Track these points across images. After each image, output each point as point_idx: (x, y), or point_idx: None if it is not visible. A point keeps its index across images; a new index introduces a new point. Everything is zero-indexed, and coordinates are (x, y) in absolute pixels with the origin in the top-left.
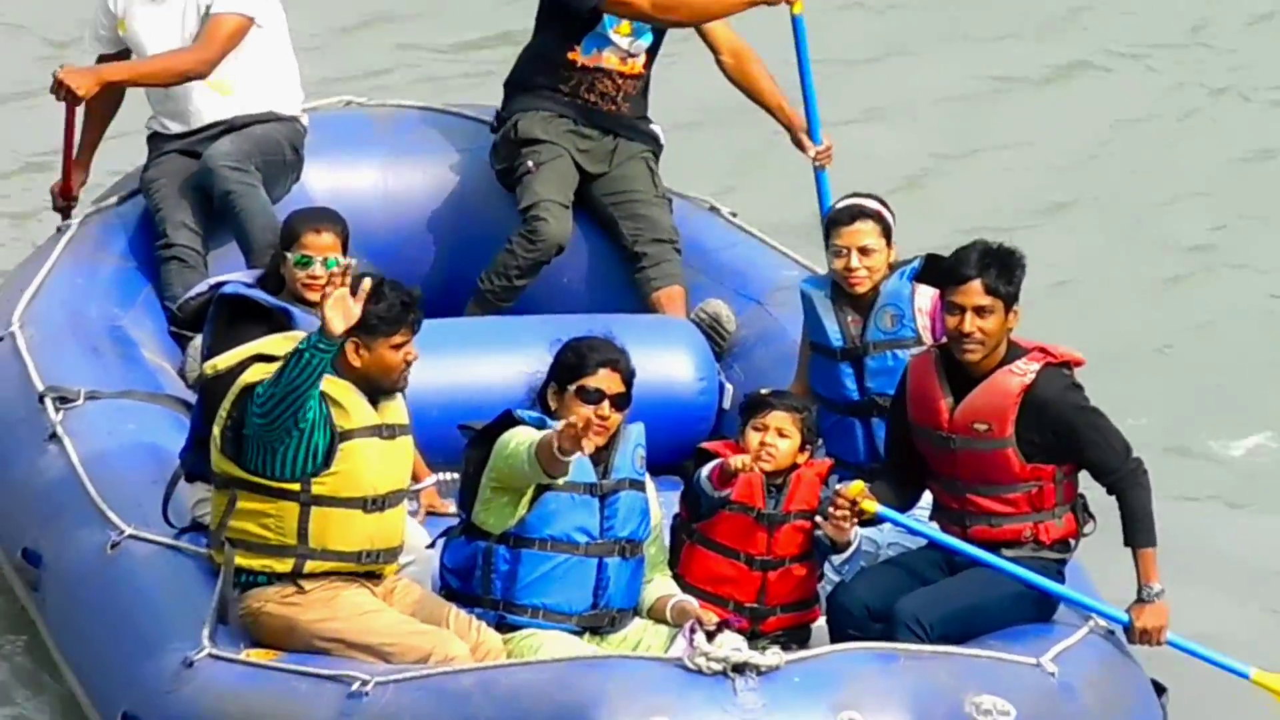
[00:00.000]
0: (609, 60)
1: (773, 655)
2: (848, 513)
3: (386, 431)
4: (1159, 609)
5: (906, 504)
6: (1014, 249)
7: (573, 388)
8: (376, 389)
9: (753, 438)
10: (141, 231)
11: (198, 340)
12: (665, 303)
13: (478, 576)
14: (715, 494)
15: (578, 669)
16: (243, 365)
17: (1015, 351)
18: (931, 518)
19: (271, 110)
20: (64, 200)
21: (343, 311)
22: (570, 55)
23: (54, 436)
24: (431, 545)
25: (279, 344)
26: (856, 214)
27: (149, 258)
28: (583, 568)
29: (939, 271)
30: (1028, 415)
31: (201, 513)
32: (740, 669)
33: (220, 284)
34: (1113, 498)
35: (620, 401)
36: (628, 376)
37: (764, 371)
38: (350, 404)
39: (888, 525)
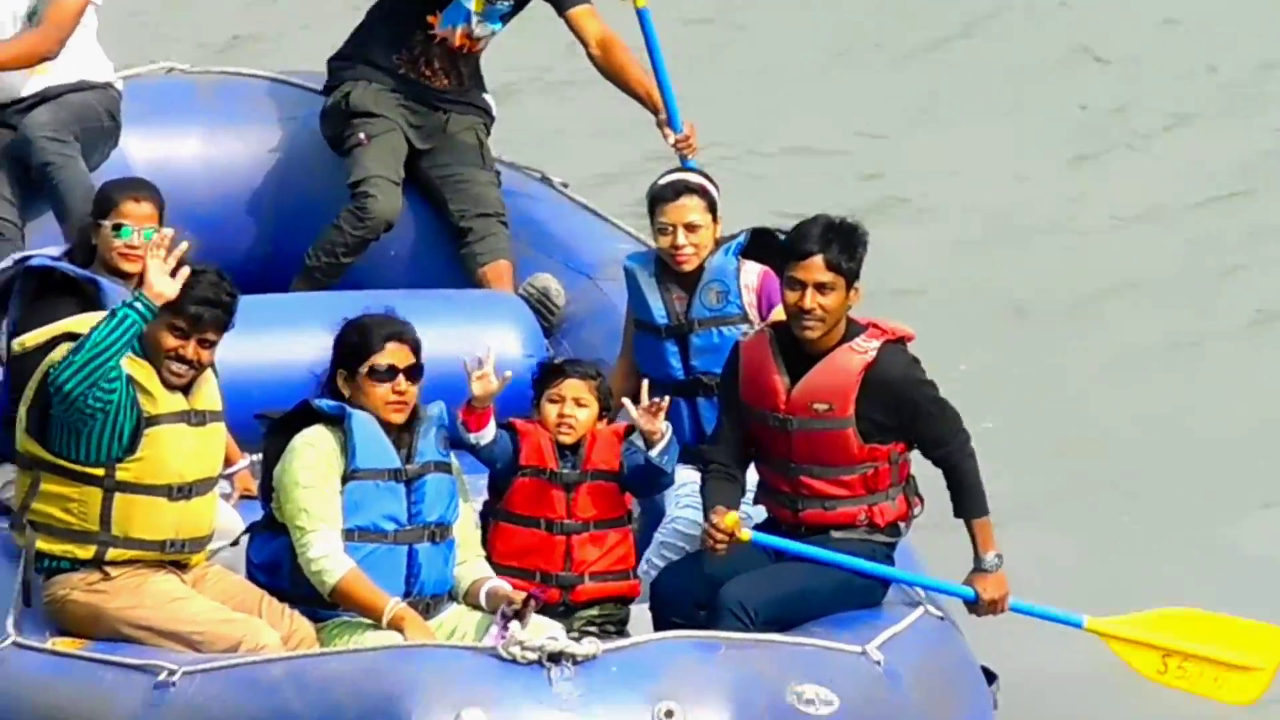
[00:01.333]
0: (458, 36)
1: (589, 644)
2: (725, 543)
3: (195, 418)
4: (1000, 578)
5: (740, 490)
6: (857, 224)
7: (363, 369)
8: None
9: (549, 410)
10: None
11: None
12: (492, 278)
13: (285, 571)
14: (470, 437)
15: (389, 659)
16: (51, 343)
17: (854, 329)
18: (756, 501)
19: (84, 79)
20: None
21: (167, 277)
22: (430, 19)
23: None
24: (236, 543)
25: (89, 323)
26: (681, 189)
27: None
28: (392, 555)
29: (769, 246)
30: (869, 394)
31: (8, 495)
32: (556, 658)
33: (26, 258)
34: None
35: (413, 373)
36: (415, 346)
37: (594, 347)
38: (156, 388)
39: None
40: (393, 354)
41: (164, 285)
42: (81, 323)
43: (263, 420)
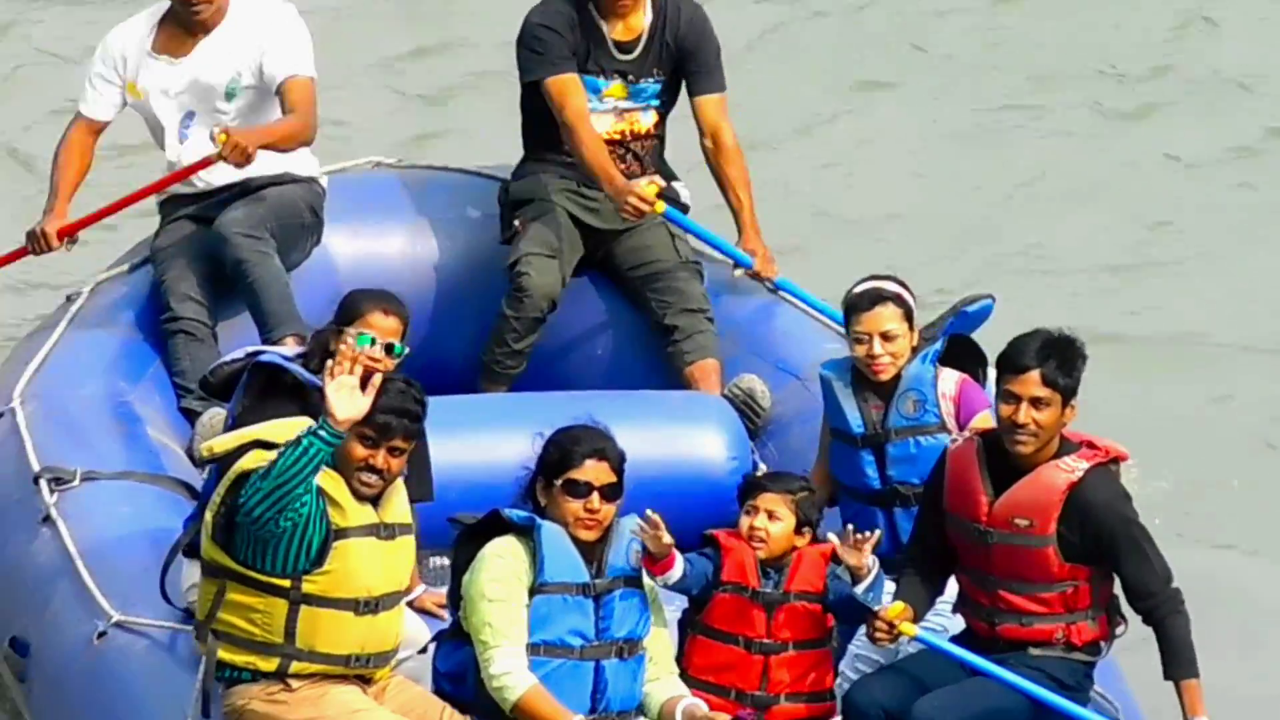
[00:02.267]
0: (610, 128)
1: None
2: (886, 636)
3: (385, 531)
4: None
5: (932, 595)
6: (1075, 339)
7: (559, 482)
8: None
9: (744, 522)
10: (150, 302)
11: (207, 416)
12: (699, 377)
13: (470, 682)
14: (658, 580)
15: None
16: (242, 449)
17: (1067, 447)
18: (955, 610)
19: (287, 171)
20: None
21: (348, 398)
22: None
23: (47, 519)
24: (424, 650)
25: (282, 430)
26: (876, 298)
27: (158, 330)
28: (579, 671)
29: (966, 352)
30: (1071, 515)
31: (194, 597)
32: None
33: (257, 352)
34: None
35: (610, 492)
36: (617, 465)
37: (799, 451)
38: (346, 500)
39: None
40: (591, 471)
41: (344, 408)
42: (273, 431)
43: (455, 524)
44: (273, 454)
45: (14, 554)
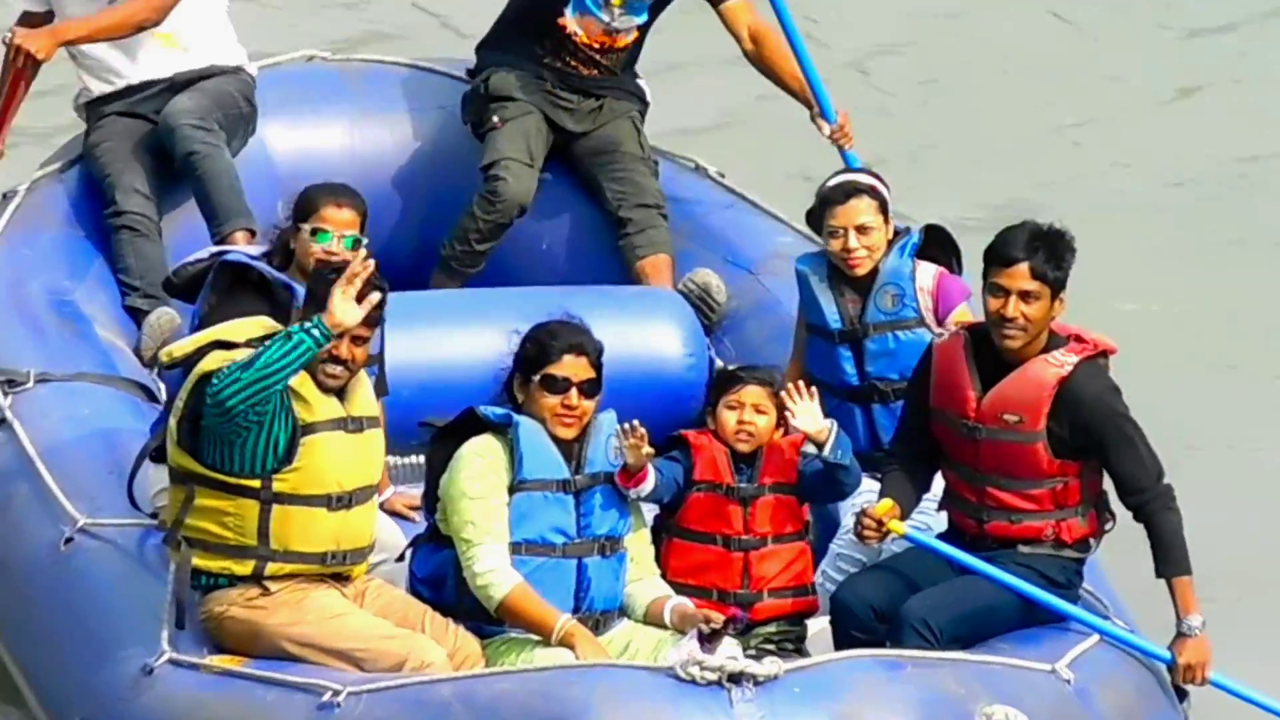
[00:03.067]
0: (597, 34)
1: (770, 664)
2: (875, 534)
3: (353, 424)
4: (1200, 643)
5: (919, 492)
6: (1064, 231)
7: (537, 378)
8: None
9: (728, 417)
10: (88, 199)
11: (154, 315)
12: (651, 272)
13: (450, 585)
14: (630, 493)
15: (563, 678)
16: (201, 351)
17: (1055, 340)
18: (941, 507)
19: (214, 64)
20: None
21: (351, 307)
22: (559, 21)
23: (2, 422)
24: (401, 558)
25: (240, 330)
26: (851, 191)
27: (99, 227)
28: (561, 569)
29: (942, 244)
30: (1060, 410)
31: (161, 504)
32: (736, 678)
33: (222, 251)
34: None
35: (588, 388)
36: (595, 360)
37: (757, 346)
38: (312, 395)
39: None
40: (570, 366)
41: (346, 315)
42: (232, 331)
43: (427, 428)
44: (235, 353)
45: None
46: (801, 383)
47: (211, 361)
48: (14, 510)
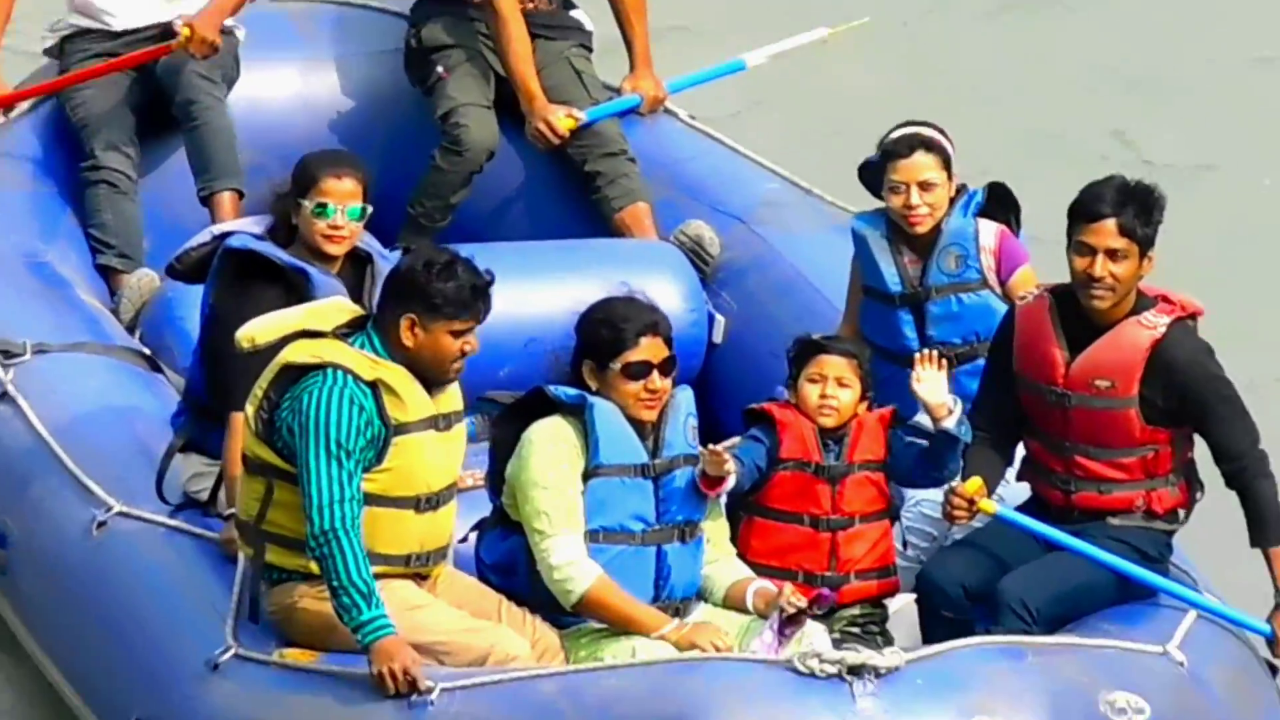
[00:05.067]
0: None
1: (891, 655)
2: (965, 513)
3: (443, 422)
4: None
5: (1004, 465)
6: (1153, 187)
7: (616, 365)
8: (423, 376)
9: (810, 391)
10: (57, 147)
11: (135, 277)
12: (631, 223)
13: (522, 573)
14: (710, 496)
15: (677, 673)
16: (283, 340)
17: (1144, 302)
18: (1020, 477)
19: None
20: None
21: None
22: None
23: (4, 396)
24: (465, 539)
25: (323, 316)
26: (915, 145)
27: (69, 179)
28: (640, 557)
29: (1002, 201)
30: (1154, 374)
31: (197, 488)
32: (857, 671)
33: (225, 235)
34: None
35: (667, 367)
36: (669, 337)
37: (760, 301)
38: (407, 393)
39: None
40: (648, 349)
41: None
42: (315, 316)
43: (487, 404)
44: (318, 344)
45: None
46: (933, 352)
47: (295, 352)
48: (33, 491)
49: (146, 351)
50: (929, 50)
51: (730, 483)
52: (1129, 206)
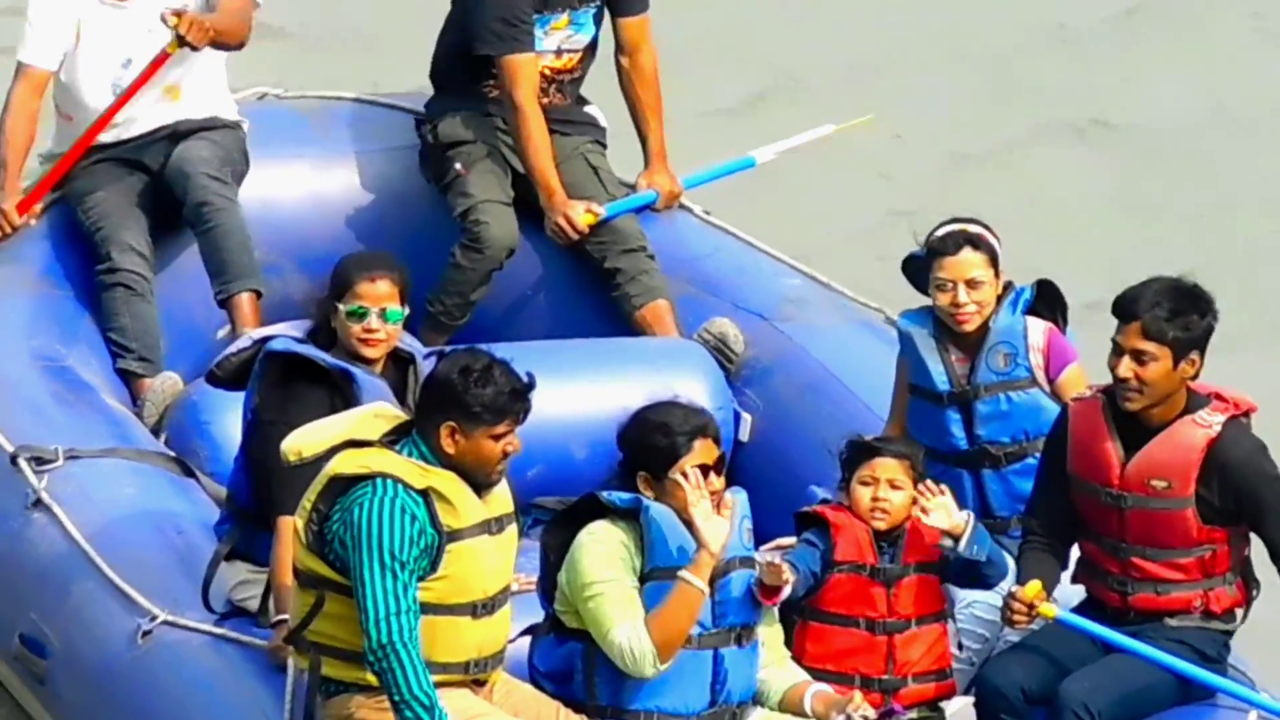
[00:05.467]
0: (546, 57)
1: None
2: (1025, 618)
3: (496, 525)
4: None
5: (1060, 567)
6: (1197, 288)
7: (673, 475)
8: (469, 479)
9: (862, 494)
10: (70, 250)
11: (159, 381)
12: (653, 320)
13: (579, 681)
14: (765, 608)
15: None
16: (330, 450)
17: (1196, 400)
18: (1076, 579)
19: (215, 115)
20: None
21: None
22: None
23: (39, 504)
24: (514, 640)
25: (369, 425)
26: (962, 242)
27: (84, 283)
28: (697, 662)
29: (1049, 299)
30: (1210, 474)
31: (243, 596)
32: None
33: (266, 339)
34: None
35: (720, 466)
36: (719, 437)
37: (787, 399)
38: (458, 499)
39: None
40: (701, 452)
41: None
42: (361, 425)
43: (539, 510)
44: (365, 454)
45: (4, 543)
46: (931, 482)
47: (343, 463)
48: (73, 600)
49: (180, 457)
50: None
51: (786, 592)
52: (1161, 308)
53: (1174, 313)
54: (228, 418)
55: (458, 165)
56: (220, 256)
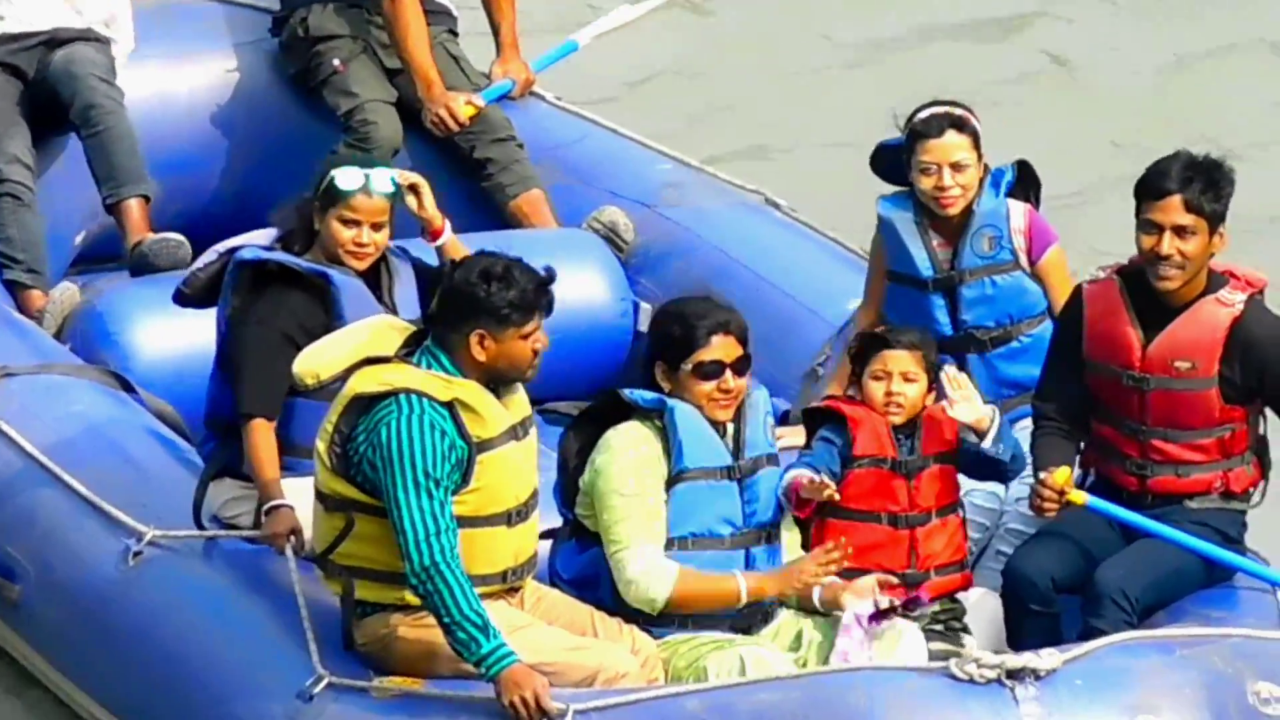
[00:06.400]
0: None
1: (1049, 656)
2: (1056, 504)
3: (521, 430)
4: None
5: (1077, 451)
6: (1222, 162)
7: (688, 366)
8: (501, 382)
9: (875, 389)
10: None
11: (58, 291)
12: (529, 210)
13: (606, 584)
14: (791, 512)
15: (832, 685)
16: (347, 371)
17: (1217, 280)
18: (1086, 462)
19: (91, 27)
20: None
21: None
22: None
23: None
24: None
25: (381, 338)
26: (946, 125)
27: None
28: (730, 563)
29: (1026, 180)
30: (1232, 353)
31: (233, 513)
32: (1017, 674)
33: (233, 249)
34: None
35: (741, 366)
36: (743, 335)
37: (683, 287)
38: (484, 408)
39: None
40: (720, 348)
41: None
42: (376, 341)
43: (550, 415)
44: (383, 370)
45: None
46: (956, 370)
47: (364, 381)
48: (40, 522)
49: (117, 372)
50: None
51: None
52: (1196, 182)
53: (1208, 185)
54: (136, 328)
55: (335, 61)
56: (109, 160)
